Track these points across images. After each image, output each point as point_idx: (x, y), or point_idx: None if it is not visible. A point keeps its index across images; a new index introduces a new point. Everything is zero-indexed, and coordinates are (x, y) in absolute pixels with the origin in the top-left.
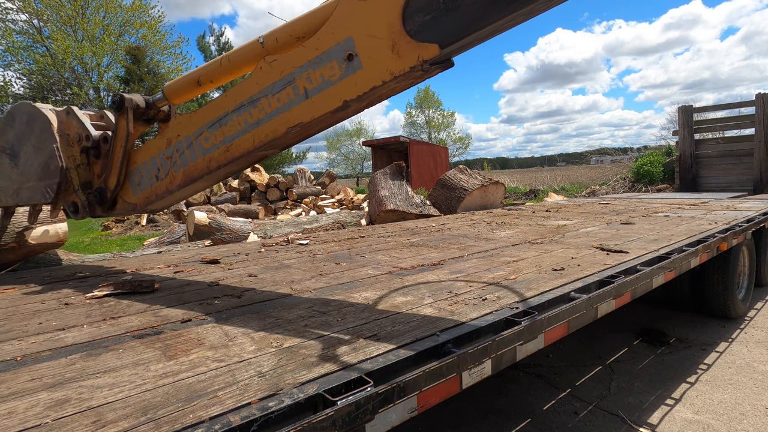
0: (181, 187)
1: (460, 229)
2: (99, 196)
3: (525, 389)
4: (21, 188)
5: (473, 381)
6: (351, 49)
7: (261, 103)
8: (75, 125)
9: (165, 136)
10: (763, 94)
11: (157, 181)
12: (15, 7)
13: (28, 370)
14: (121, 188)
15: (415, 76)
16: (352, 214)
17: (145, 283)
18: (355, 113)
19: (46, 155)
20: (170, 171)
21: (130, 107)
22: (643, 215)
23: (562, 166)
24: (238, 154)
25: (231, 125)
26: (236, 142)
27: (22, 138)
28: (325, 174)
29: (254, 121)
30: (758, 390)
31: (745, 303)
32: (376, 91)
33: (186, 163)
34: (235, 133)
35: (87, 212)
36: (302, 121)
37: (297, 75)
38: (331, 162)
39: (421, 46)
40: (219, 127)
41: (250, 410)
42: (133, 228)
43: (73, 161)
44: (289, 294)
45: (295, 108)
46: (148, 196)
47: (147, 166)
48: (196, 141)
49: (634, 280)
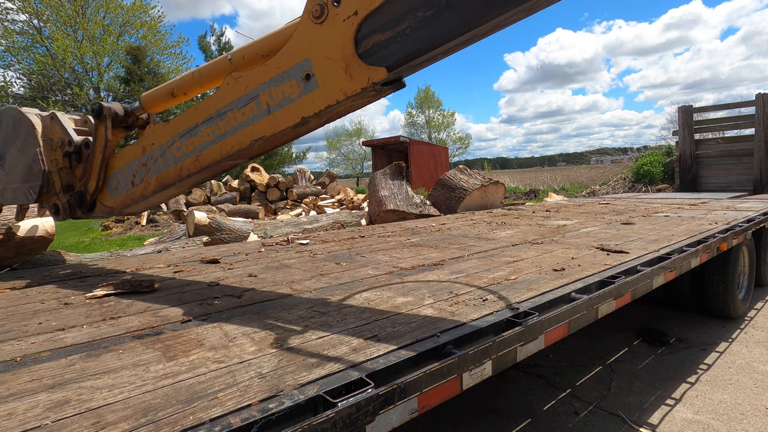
0: (154, 193)
1: (460, 229)
2: (79, 199)
3: (525, 389)
4: (6, 189)
5: (474, 382)
6: (308, 69)
7: (227, 116)
8: (58, 130)
9: (141, 144)
10: (763, 94)
11: (132, 186)
12: (15, 7)
13: (28, 370)
14: (99, 192)
15: (369, 96)
16: (352, 214)
17: (145, 283)
18: (316, 128)
19: (30, 158)
20: (145, 177)
21: (109, 115)
22: (643, 215)
23: (562, 166)
24: (207, 163)
25: (200, 136)
26: (205, 152)
27: (8, 141)
28: (325, 174)
29: (221, 133)
30: (758, 390)
31: (745, 303)
32: (333, 109)
33: (159, 170)
34: (203, 144)
35: (67, 214)
36: (265, 135)
37: (260, 91)
38: (331, 162)
39: (371, 69)
40: (190, 138)
41: (251, 412)
42: (133, 228)
43: (55, 165)
44: (289, 294)
45: (259, 122)
46: (125, 200)
47: (124, 171)
48: (169, 150)
49: (634, 280)
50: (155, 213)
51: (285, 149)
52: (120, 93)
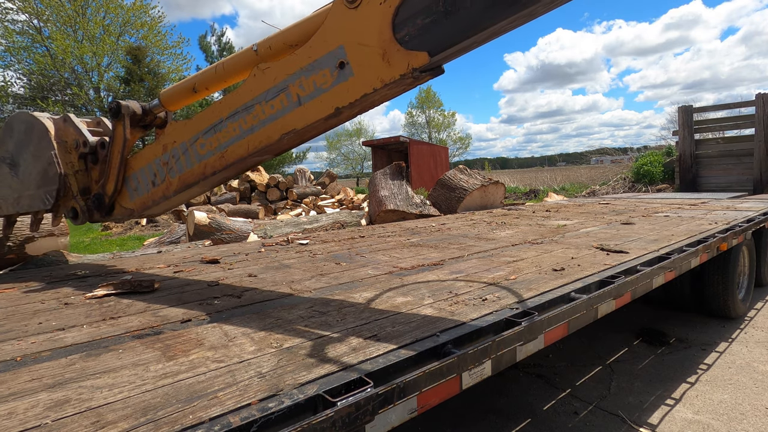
0: (177, 193)
1: (460, 229)
2: (97, 201)
3: (525, 389)
4: (21, 196)
5: (473, 381)
6: (342, 57)
7: (255, 110)
8: (72, 132)
9: (161, 142)
10: (763, 94)
11: (153, 186)
12: (15, 7)
13: (28, 370)
14: (118, 194)
15: (406, 83)
16: (352, 214)
17: (145, 283)
18: (347, 119)
19: (45, 163)
20: (166, 177)
21: (127, 114)
22: (643, 215)
23: (562, 166)
24: (233, 160)
25: (225, 132)
26: (231, 148)
27: (21, 147)
28: (325, 174)
29: (248, 127)
30: (758, 390)
31: (745, 303)
32: (368, 98)
33: (182, 168)
34: (229, 140)
35: (86, 217)
36: (295, 128)
37: (290, 82)
38: (331, 162)
39: (411, 54)
40: (214, 134)
41: (250, 411)
42: (133, 228)
43: (71, 168)
44: (289, 294)
45: (289, 115)
46: (145, 202)
47: (144, 171)
48: (192, 147)
49: (634, 280)
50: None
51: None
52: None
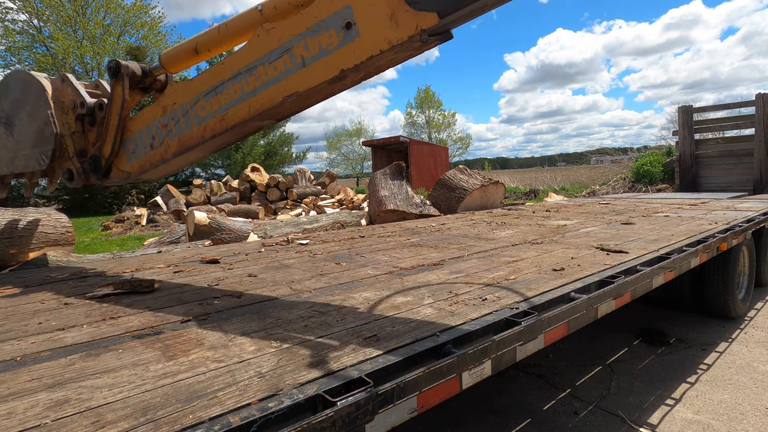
0: (175, 156)
1: (460, 229)
2: (93, 163)
3: (525, 389)
4: (16, 156)
5: (473, 381)
6: (349, 17)
7: (257, 71)
8: (70, 92)
9: (161, 104)
10: (763, 94)
11: (151, 149)
12: (15, 7)
13: (28, 370)
14: (115, 156)
15: (414, 47)
16: (352, 214)
17: (145, 283)
18: (352, 84)
19: (41, 122)
20: (165, 139)
21: (126, 74)
22: (643, 215)
23: (562, 166)
24: (234, 123)
25: (227, 93)
26: (232, 110)
27: (17, 106)
28: (325, 174)
29: (250, 89)
30: (758, 390)
31: (745, 303)
32: (374, 61)
33: (181, 131)
34: (230, 102)
35: (81, 179)
36: (298, 90)
37: (294, 43)
38: (331, 162)
39: (420, 15)
40: (215, 96)
41: (250, 411)
42: (133, 228)
43: (67, 129)
44: (289, 294)
45: (292, 77)
46: (143, 165)
47: (142, 134)
48: (192, 109)
49: (634, 280)
50: (155, 213)
51: (285, 149)
52: None
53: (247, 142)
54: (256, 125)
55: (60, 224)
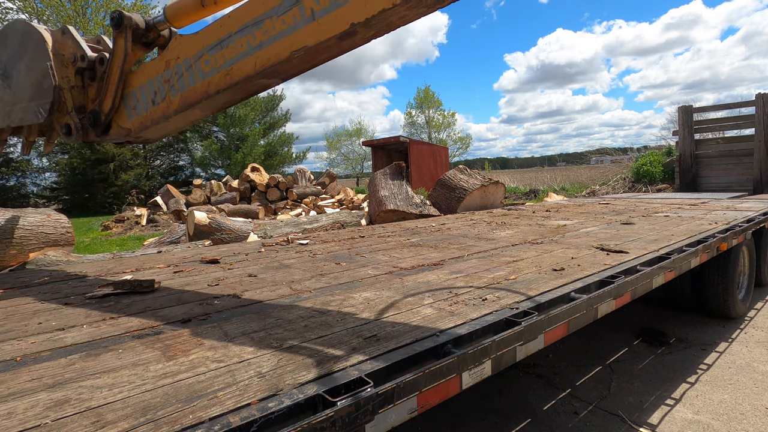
0: (177, 112)
1: (460, 229)
2: (93, 118)
3: (525, 389)
4: (13, 109)
5: (473, 381)
6: None
7: (265, 24)
8: (70, 45)
9: (164, 59)
10: (763, 94)
11: (153, 105)
12: (15, 7)
13: (28, 370)
14: (115, 112)
15: (427, 3)
16: (352, 214)
17: (145, 283)
18: (362, 42)
19: (40, 74)
20: (167, 95)
21: (129, 26)
22: (643, 215)
23: (562, 166)
24: (238, 78)
25: (233, 47)
26: (237, 65)
27: (15, 57)
28: (325, 174)
29: (257, 43)
30: (758, 390)
31: (745, 303)
32: (386, 16)
33: (184, 87)
34: (236, 56)
35: (80, 135)
36: (307, 45)
37: None
38: (331, 162)
39: None
40: (220, 50)
41: (250, 411)
42: (133, 228)
43: (67, 82)
44: (289, 294)
45: (301, 30)
46: (143, 121)
47: (144, 89)
48: (196, 64)
49: (634, 280)
50: (155, 213)
51: (285, 149)
52: None
53: (247, 142)
54: (262, 83)
55: (60, 224)
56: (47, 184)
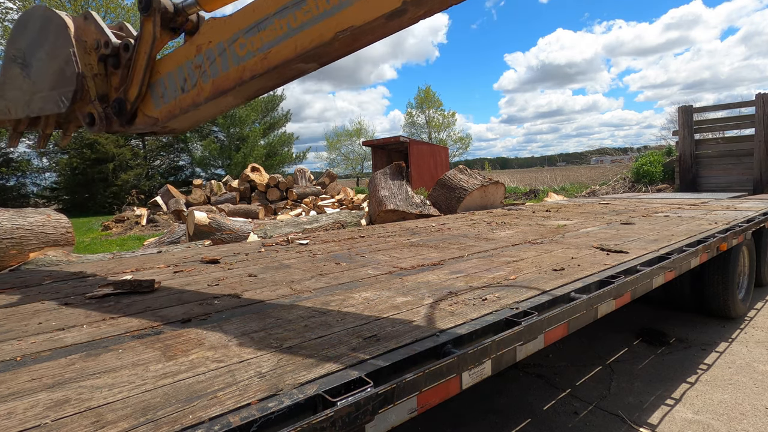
0: (208, 100)
1: (460, 229)
2: (118, 107)
3: (525, 389)
4: (33, 99)
5: (473, 381)
6: None
7: (308, 3)
8: (93, 31)
9: (195, 43)
10: (763, 94)
11: (182, 93)
12: (15, 7)
13: (28, 370)
14: (141, 100)
15: None
16: (352, 214)
17: (145, 283)
18: (409, 23)
19: (62, 61)
20: (198, 82)
21: (158, 9)
22: (643, 215)
23: (562, 166)
24: (276, 63)
25: (271, 30)
26: (275, 49)
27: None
28: (325, 174)
29: (298, 25)
30: (758, 390)
31: (745, 303)
32: None
33: (216, 72)
34: (274, 39)
35: (103, 125)
36: (353, 25)
37: None
38: (331, 162)
39: None
40: (257, 33)
41: (250, 411)
42: (133, 228)
43: (89, 70)
44: (289, 294)
45: (347, 9)
46: (172, 110)
47: (172, 76)
48: (230, 48)
49: (634, 280)
50: (155, 213)
51: (285, 149)
52: None
53: (247, 142)
54: (300, 68)
55: (60, 224)
56: (47, 184)
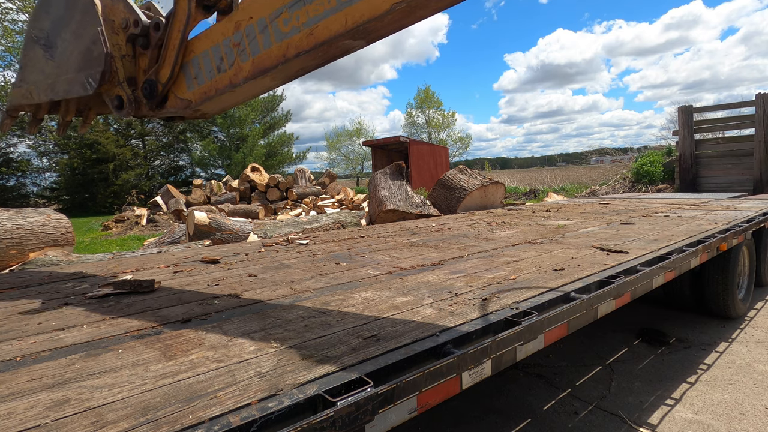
0: (247, 80)
1: (460, 229)
2: (149, 89)
3: (525, 389)
4: (57, 81)
5: (473, 381)
6: None
7: None
8: (122, 10)
9: (233, 20)
10: (763, 94)
11: (218, 73)
12: (15, 7)
13: (28, 370)
14: (173, 82)
15: None
16: (352, 214)
17: (145, 283)
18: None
19: (89, 41)
20: (236, 61)
21: None
22: (643, 215)
23: (562, 166)
24: (324, 38)
25: (318, 3)
26: (323, 23)
27: (60, 25)
28: (325, 174)
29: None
30: (758, 390)
31: (745, 303)
32: None
33: (257, 50)
34: (323, 13)
35: (132, 108)
36: None
37: None
38: (331, 162)
39: None
40: (303, 6)
41: (250, 411)
42: (133, 228)
43: (117, 50)
44: (289, 294)
45: None
46: (207, 91)
47: (208, 55)
48: (273, 23)
49: (634, 280)
50: (155, 213)
51: (285, 149)
52: None
53: (247, 142)
54: (347, 44)
55: (60, 224)
56: (47, 184)
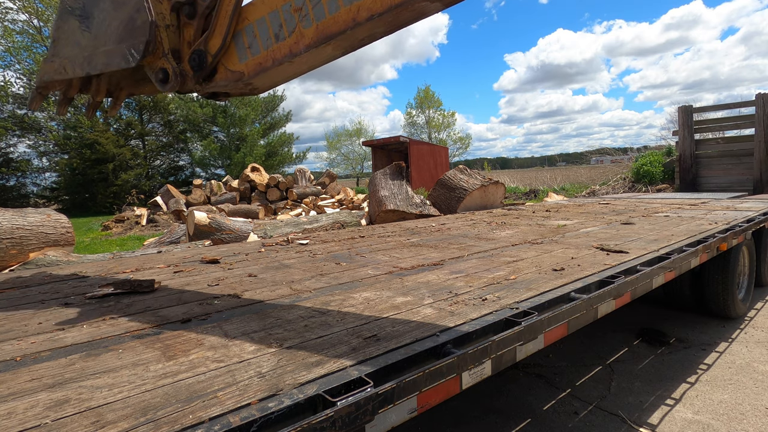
0: (309, 48)
1: (460, 229)
2: (198, 59)
3: (525, 389)
4: (94, 54)
5: (473, 381)
6: None
7: None
8: None
9: None
10: (763, 94)
11: (276, 41)
12: (15, 7)
13: (28, 370)
14: (224, 53)
15: None
16: (352, 214)
17: (145, 283)
18: None
19: (131, 9)
20: (297, 27)
21: None
22: (643, 215)
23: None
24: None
25: None
26: None
27: None
28: (325, 174)
29: None
30: (758, 390)
31: (745, 303)
32: None
33: (322, 15)
34: None
35: (178, 82)
36: None
37: None
38: (331, 162)
39: None
40: None
41: (250, 411)
42: (133, 228)
43: (162, 20)
44: (289, 294)
45: None
46: (262, 62)
47: (263, 22)
48: None
49: (634, 280)
50: (155, 213)
51: (285, 149)
52: None
53: (247, 142)
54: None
55: (60, 224)
56: (47, 184)
